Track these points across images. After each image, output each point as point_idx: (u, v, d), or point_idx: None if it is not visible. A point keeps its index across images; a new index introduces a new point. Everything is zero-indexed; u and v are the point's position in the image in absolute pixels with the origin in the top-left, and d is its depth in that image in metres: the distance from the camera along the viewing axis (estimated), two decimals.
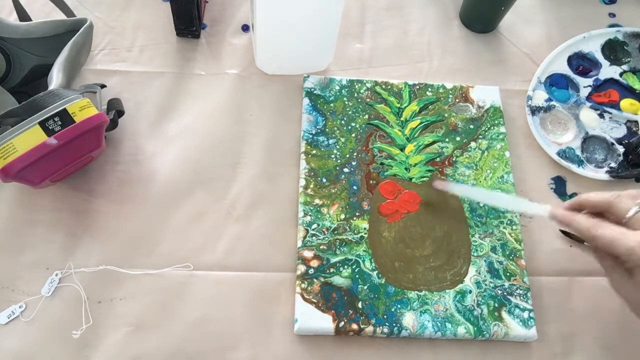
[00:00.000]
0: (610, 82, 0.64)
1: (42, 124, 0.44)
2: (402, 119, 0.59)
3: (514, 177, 0.57)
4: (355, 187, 0.54)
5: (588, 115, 0.62)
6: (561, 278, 0.53)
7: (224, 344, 0.48)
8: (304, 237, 0.51)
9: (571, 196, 0.58)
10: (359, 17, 0.67)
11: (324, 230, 0.52)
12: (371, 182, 0.55)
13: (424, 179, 0.56)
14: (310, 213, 0.52)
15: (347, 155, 0.56)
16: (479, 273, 0.51)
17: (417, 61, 0.65)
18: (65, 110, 0.46)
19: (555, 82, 0.64)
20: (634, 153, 0.59)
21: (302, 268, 0.50)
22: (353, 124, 0.58)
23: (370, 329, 0.48)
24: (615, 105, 0.62)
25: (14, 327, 0.47)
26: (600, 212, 0.47)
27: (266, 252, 0.52)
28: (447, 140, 0.58)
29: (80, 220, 0.52)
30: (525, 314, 0.49)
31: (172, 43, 0.63)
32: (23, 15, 0.58)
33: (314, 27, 0.55)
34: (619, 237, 0.42)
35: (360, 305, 0.49)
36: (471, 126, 0.59)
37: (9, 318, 0.47)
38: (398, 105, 0.59)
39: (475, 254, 0.52)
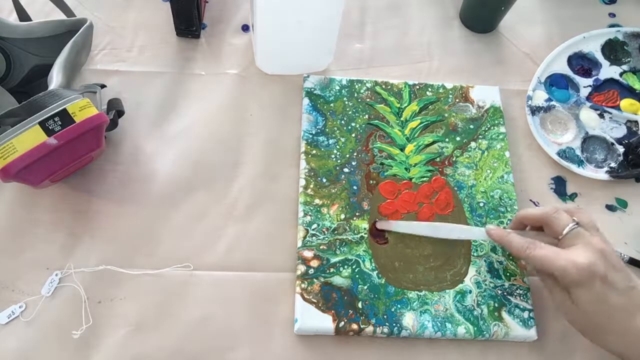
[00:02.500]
0: (610, 82, 0.64)
1: (42, 124, 0.44)
2: (402, 119, 0.59)
3: (514, 177, 0.57)
4: (355, 187, 0.54)
5: (588, 115, 0.62)
6: None
7: (224, 344, 0.48)
8: (304, 237, 0.51)
9: (571, 196, 0.58)
10: (359, 17, 0.67)
11: (324, 230, 0.52)
12: (371, 182, 0.55)
13: (424, 179, 0.56)
14: (310, 213, 0.52)
15: (347, 155, 0.56)
16: (479, 273, 0.51)
17: (417, 61, 0.65)
18: (65, 110, 0.46)
19: (555, 82, 0.64)
20: (634, 153, 0.59)
21: (302, 268, 0.50)
22: (353, 124, 0.58)
23: (370, 329, 0.48)
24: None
25: (14, 327, 0.47)
26: (540, 227, 0.47)
27: (266, 252, 0.52)
28: (447, 140, 0.58)
29: (80, 220, 0.52)
30: (525, 314, 0.49)
31: (172, 43, 0.63)
32: (23, 15, 0.58)
33: (314, 27, 0.55)
34: (552, 256, 0.43)
35: (360, 305, 0.49)
36: (471, 126, 0.59)
37: (9, 318, 0.47)
38: (398, 105, 0.59)
39: (475, 254, 0.52)
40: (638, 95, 0.63)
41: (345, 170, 0.55)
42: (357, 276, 0.50)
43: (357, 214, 0.53)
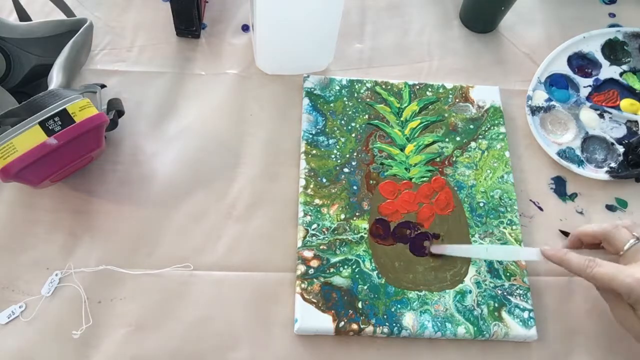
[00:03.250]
0: (610, 82, 0.64)
1: (42, 124, 0.44)
2: (402, 119, 0.59)
3: (514, 177, 0.57)
4: (355, 187, 0.54)
5: (588, 115, 0.62)
6: (561, 278, 0.53)
7: (224, 344, 0.48)
8: (304, 237, 0.51)
9: (571, 196, 0.58)
10: (359, 17, 0.67)
11: (324, 230, 0.52)
12: (371, 182, 0.55)
13: (424, 179, 0.56)
14: (310, 213, 0.52)
15: (347, 155, 0.56)
16: (479, 273, 0.51)
17: (417, 61, 0.65)
18: (65, 110, 0.46)
19: (555, 82, 0.64)
20: (634, 153, 0.59)
21: (302, 268, 0.50)
22: (353, 124, 0.58)
23: (370, 329, 0.48)
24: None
25: (14, 327, 0.47)
26: (598, 243, 0.47)
27: (266, 252, 0.52)
28: (447, 140, 0.58)
29: (80, 220, 0.52)
30: (525, 314, 0.49)
31: (172, 43, 0.63)
32: (23, 15, 0.58)
33: (314, 27, 0.55)
34: (615, 274, 0.42)
35: (360, 305, 0.49)
36: (471, 126, 0.59)
37: (9, 318, 0.47)
38: (398, 105, 0.59)
39: None
40: (638, 95, 0.63)
41: (345, 170, 0.55)
42: (357, 276, 0.50)
43: (357, 214, 0.53)
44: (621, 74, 0.64)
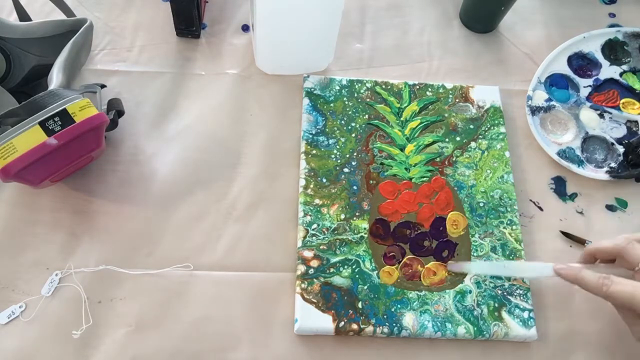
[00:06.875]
0: (610, 82, 0.64)
1: (42, 124, 0.44)
2: (402, 119, 0.59)
3: (514, 177, 0.57)
4: (355, 187, 0.54)
5: (588, 115, 0.62)
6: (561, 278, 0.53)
7: (224, 344, 0.48)
8: (304, 237, 0.51)
9: (571, 196, 0.58)
10: (359, 17, 0.67)
11: (324, 230, 0.52)
12: (371, 182, 0.55)
13: (424, 179, 0.56)
14: (310, 213, 0.52)
15: (347, 155, 0.56)
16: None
17: (417, 61, 0.65)
18: (65, 110, 0.46)
19: (555, 82, 0.64)
20: (634, 153, 0.59)
21: (302, 268, 0.50)
22: (353, 124, 0.58)
23: (370, 329, 0.48)
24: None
25: (14, 327, 0.47)
26: (613, 259, 0.46)
27: (266, 252, 0.52)
28: (447, 140, 0.58)
29: (80, 220, 0.52)
30: (525, 314, 0.49)
31: (172, 43, 0.63)
32: (23, 15, 0.58)
33: (314, 27, 0.55)
34: (634, 293, 0.41)
35: (360, 305, 0.49)
36: (471, 126, 0.59)
37: (9, 318, 0.47)
38: (398, 105, 0.59)
39: (475, 254, 0.52)
40: (638, 95, 0.63)
41: (345, 170, 0.55)
42: (357, 276, 0.50)
43: (357, 214, 0.53)
44: (621, 74, 0.64)
